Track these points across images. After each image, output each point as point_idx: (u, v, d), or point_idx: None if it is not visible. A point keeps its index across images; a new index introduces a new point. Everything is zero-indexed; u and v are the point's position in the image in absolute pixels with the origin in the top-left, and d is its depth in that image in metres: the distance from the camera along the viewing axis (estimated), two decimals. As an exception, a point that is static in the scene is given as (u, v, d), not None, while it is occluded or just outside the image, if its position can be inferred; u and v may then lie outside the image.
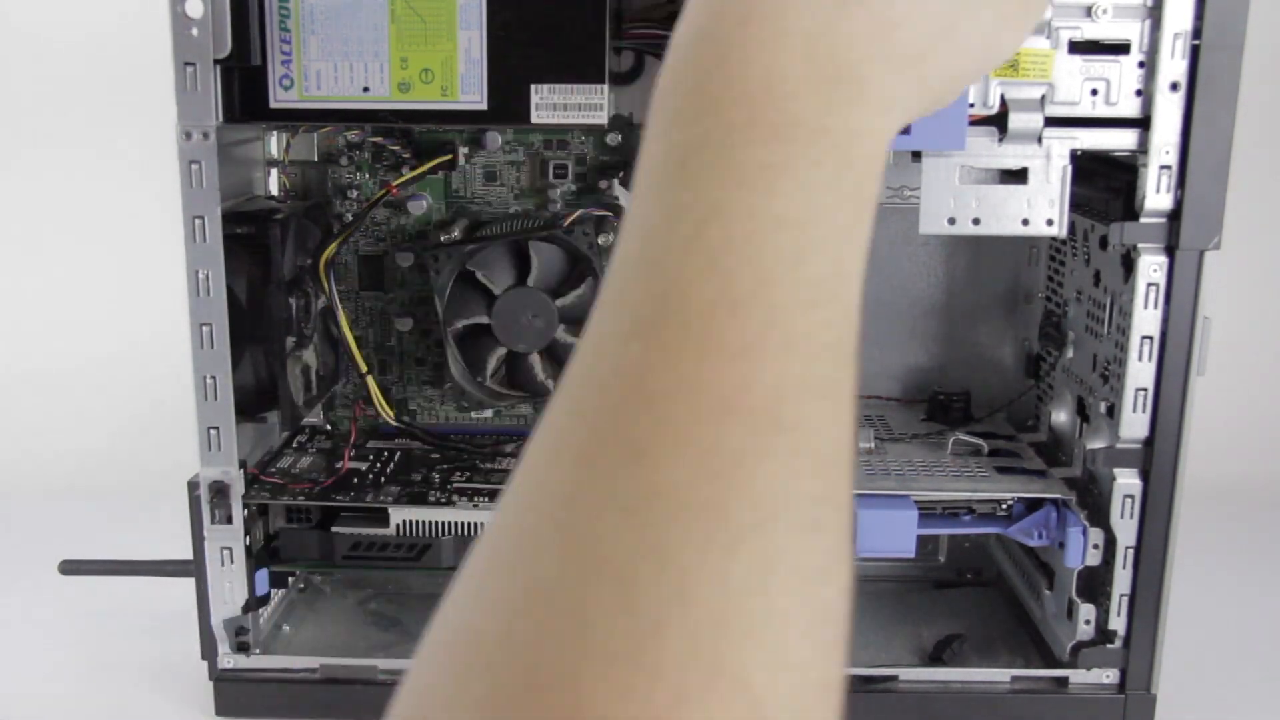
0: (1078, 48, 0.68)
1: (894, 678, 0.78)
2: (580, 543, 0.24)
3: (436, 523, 0.79)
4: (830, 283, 0.27)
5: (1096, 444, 0.75)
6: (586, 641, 0.23)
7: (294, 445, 0.88)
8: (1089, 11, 0.67)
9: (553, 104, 0.69)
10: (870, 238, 0.29)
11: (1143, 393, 0.72)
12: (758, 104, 0.28)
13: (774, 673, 0.24)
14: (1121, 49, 0.68)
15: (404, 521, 0.79)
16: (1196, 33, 0.67)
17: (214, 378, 0.72)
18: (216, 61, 0.68)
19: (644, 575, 0.24)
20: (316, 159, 0.89)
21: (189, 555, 0.76)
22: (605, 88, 0.69)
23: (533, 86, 0.69)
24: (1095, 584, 0.76)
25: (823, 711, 0.25)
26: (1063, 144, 0.69)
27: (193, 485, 0.75)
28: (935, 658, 0.83)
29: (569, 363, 0.28)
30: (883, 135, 0.30)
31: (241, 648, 0.78)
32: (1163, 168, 0.69)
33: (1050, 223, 0.69)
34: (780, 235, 0.27)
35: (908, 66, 0.31)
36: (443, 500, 0.79)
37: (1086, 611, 0.76)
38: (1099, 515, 0.75)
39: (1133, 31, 0.68)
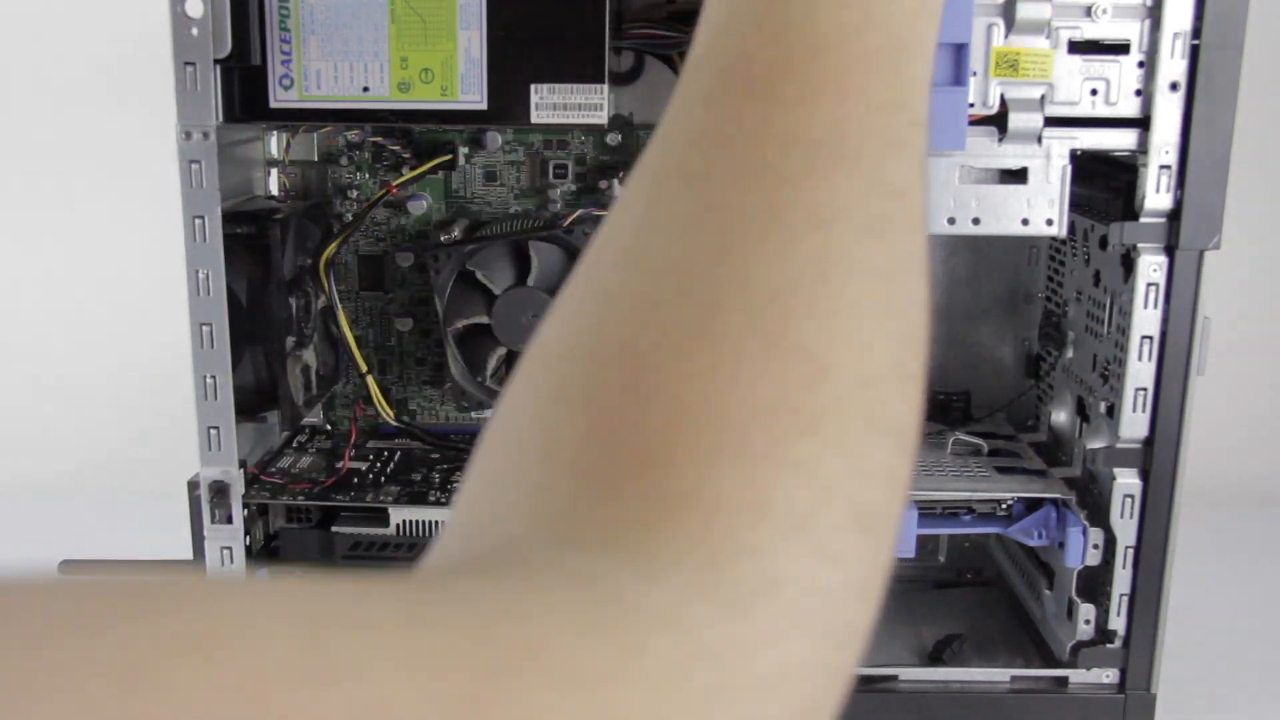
0: (1077, 48, 0.68)
1: (894, 678, 0.78)
2: (641, 255, 0.26)
3: (436, 523, 0.79)
4: (890, 53, 0.28)
5: (1096, 444, 0.75)
6: (648, 322, 0.25)
7: (294, 445, 0.88)
8: (1089, 11, 0.67)
9: (553, 104, 0.69)
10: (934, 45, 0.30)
11: (1143, 393, 0.72)
12: None
13: (839, 347, 0.25)
14: (1121, 49, 0.68)
15: (404, 521, 0.79)
16: (1196, 33, 0.67)
17: (214, 378, 0.72)
18: (216, 61, 0.68)
19: (701, 268, 0.25)
20: (316, 159, 0.89)
21: (189, 555, 0.76)
22: (605, 88, 0.69)
23: (533, 86, 0.69)
24: (1095, 584, 0.76)
25: (895, 391, 0.25)
26: (1063, 144, 0.69)
27: (193, 485, 0.75)
28: (935, 658, 0.83)
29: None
30: None
31: (241, 648, 0.78)
32: (1162, 168, 0.69)
33: (1050, 223, 0.69)
34: (841, 12, 0.28)
35: None
36: (443, 500, 0.79)
37: (1086, 611, 0.76)
38: (1099, 515, 0.75)
39: (1132, 31, 0.68)
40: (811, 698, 0.23)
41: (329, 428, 0.92)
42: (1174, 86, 0.67)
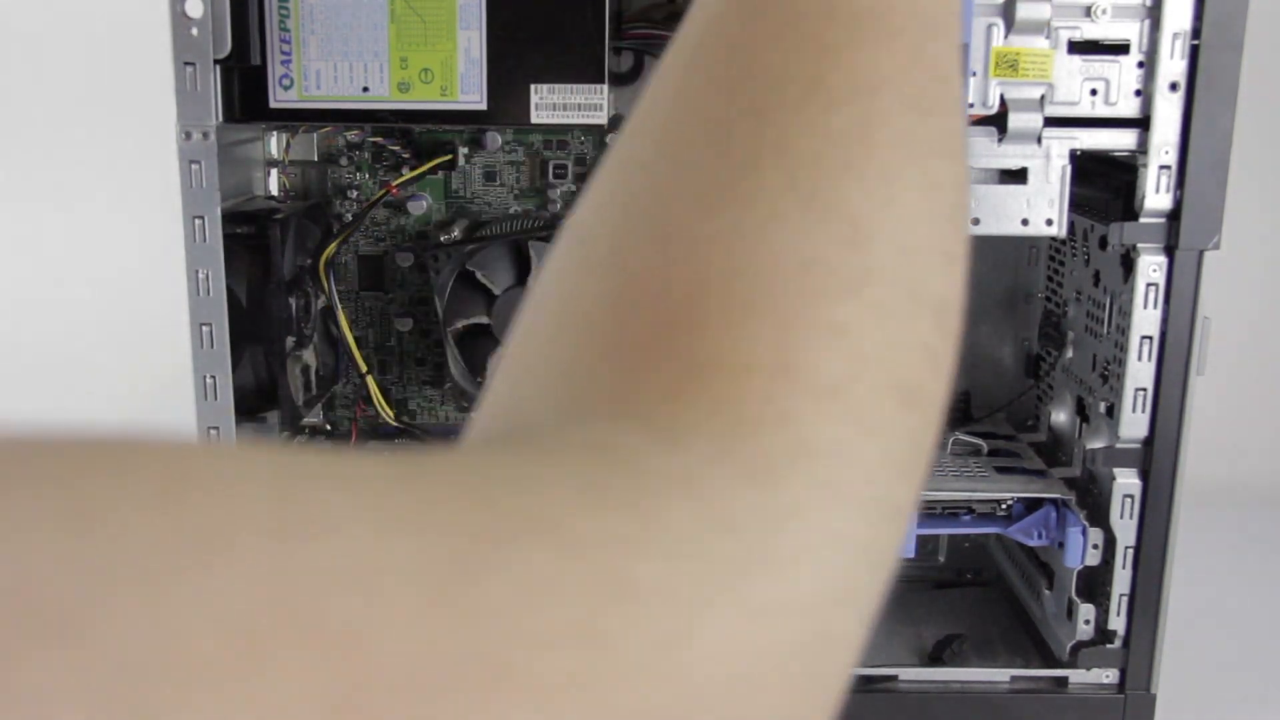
0: (1077, 48, 0.68)
1: (894, 678, 0.78)
2: (676, 122, 0.25)
3: (436, 523, 0.79)
4: None
5: (1096, 444, 0.75)
6: (680, 182, 0.23)
7: (294, 445, 0.88)
8: (1088, 11, 0.67)
9: (553, 104, 0.69)
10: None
11: (1142, 393, 0.72)
12: None
13: (880, 212, 0.23)
14: (1121, 49, 0.68)
15: (404, 521, 0.79)
16: (1196, 33, 0.67)
17: (214, 378, 0.72)
18: (216, 61, 0.68)
19: (738, 131, 0.24)
20: (316, 159, 0.89)
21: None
22: (605, 88, 0.69)
23: (533, 86, 0.69)
24: (1095, 584, 0.76)
25: (937, 268, 0.24)
26: (1062, 144, 0.69)
27: (193, 485, 0.75)
28: (935, 658, 0.83)
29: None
30: None
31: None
32: (1162, 168, 0.69)
33: (1050, 223, 0.70)
34: None
35: None
36: (443, 500, 0.79)
37: (1086, 611, 0.76)
38: (1099, 515, 0.75)
39: (1132, 31, 0.68)
40: (846, 577, 0.21)
41: (329, 428, 0.92)
42: (1174, 86, 0.67)
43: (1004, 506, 0.78)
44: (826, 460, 0.21)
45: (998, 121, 0.68)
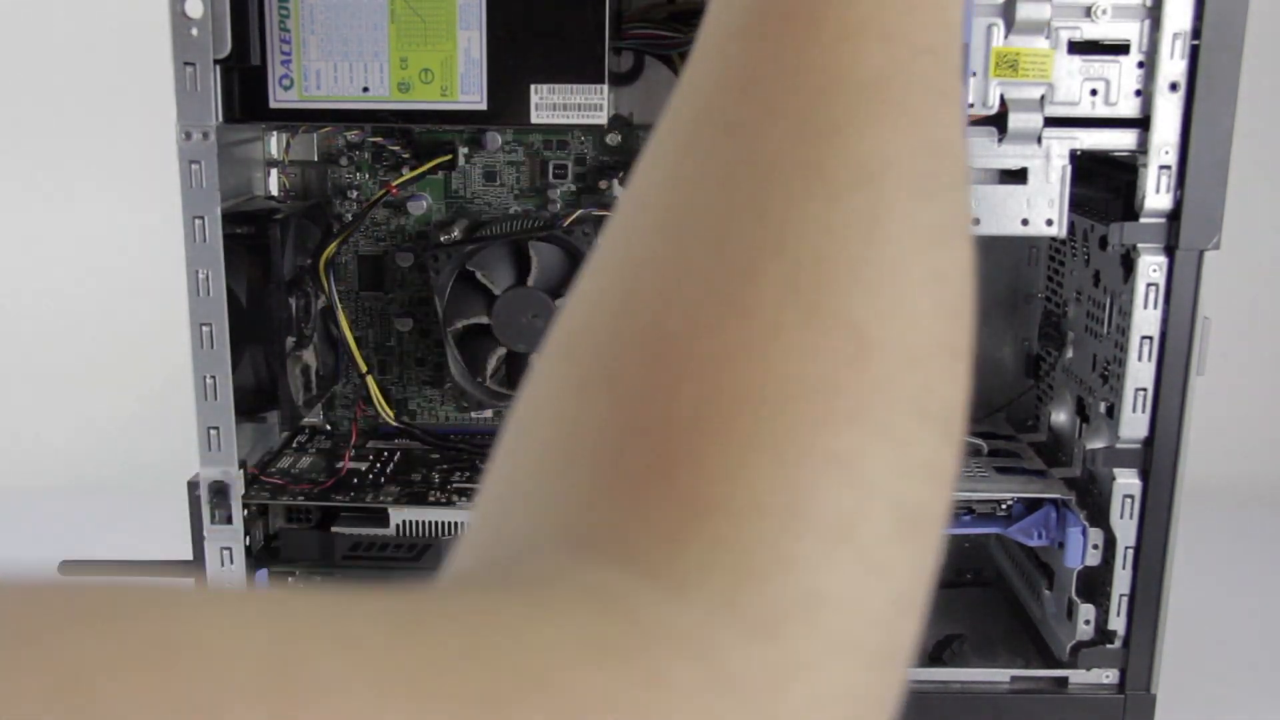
0: (1077, 48, 0.68)
1: (894, 678, 0.78)
2: (676, 211, 0.24)
3: (436, 523, 0.79)
4: None
5: (1096, 444, 0.75)
6: (678, 291, 0.23)
7: (294, 445, 0.88)
8: (1088, 12, 0.67)
9: (553, 104, 0.69)
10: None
11: (1142, 393, 0.72)
12: None
13: (881, 317, 0.22)
14: (1121, 49, 0.68)
15: (404, 522, 0.79)
16: (1196, 33, 0.67)
17: (214, 378, 0.72)
18: (216, 61, 0.68)
19: (739, 229, 0.23)
20: (316, 159, 0.89)
21: (189, 555, 0.76)
22: (605, 88, 0.69)
23: (533, 86, 0.69)
24: (1095, 584, 0.76)
25: (943, 370, 0.23)
26: (1062, 144, 0.69)
27: (193, 485, 0.75)
28: (935, 658, 0.83)
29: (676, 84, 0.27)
30: None
31: (241, 648, 0.78)
32: (1162, 168, 0.69)
33: (1050, 223, 0.69)
34: None
35: None
36: (443, 500, 0.79)
37: (1086, 611, 0.76)
38: (1099, 515, 0.75)
39: (1132, 31, 0.68)
40: None
41: (329, 428, 0.92)
42: (1174, 86, 0.67)
43: (1004, 506, 0.78)
44: (833, 609, 0.21)
45: (998, 121, 0.68)
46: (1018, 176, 0.69)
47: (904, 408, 0.22)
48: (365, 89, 0.69)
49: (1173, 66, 0.67)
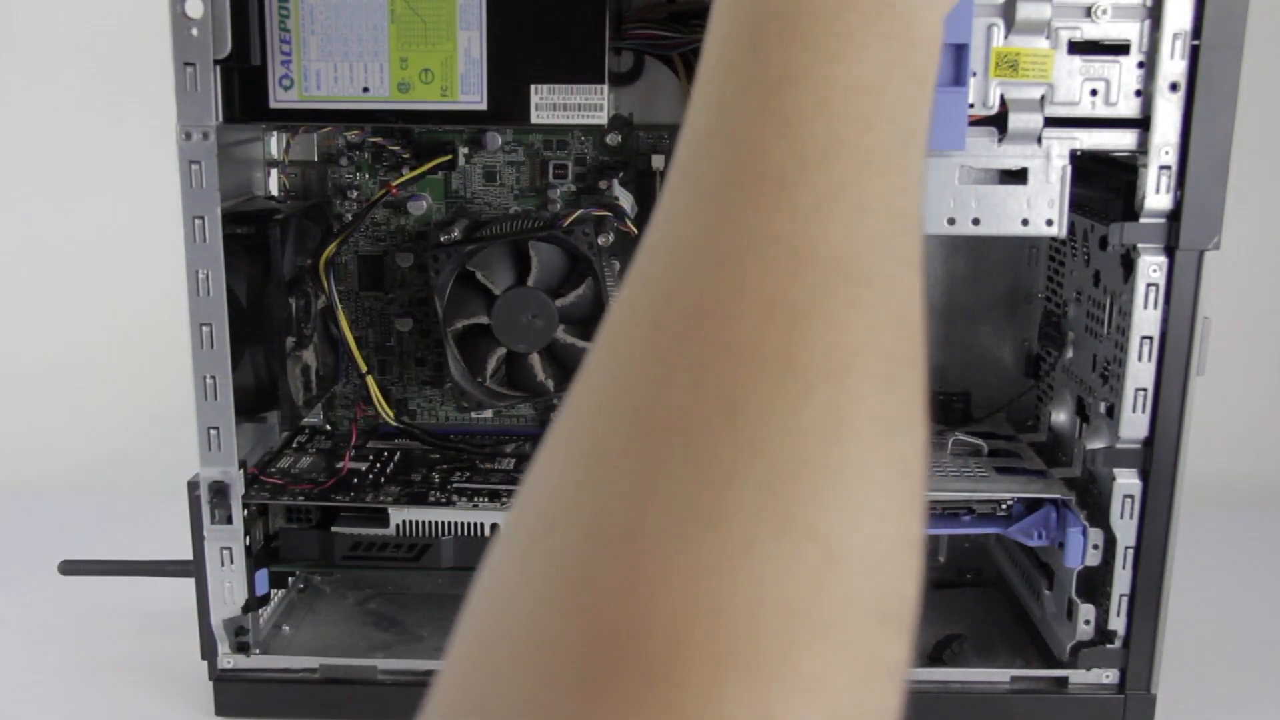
0: (1077, 48, 0.68)
1: (894, 678, 0.78)
2: (648, 401, 0.24)
3: (436, 523, 0.79)
4: (899, 149, 0.27)
5: (1096, 444, 0.75)
6: (653, 496, 0.23)
7: (294, 445, 0.88)
8: (1089, 12, 0.67)
9: (553, 104, 0.69)
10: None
11: (1142, 393, 0.72)
12: None
13: (849, 524, 0.23)
14: (1121, 49, 0.68)
15: (404, 521, 0.79)
16: (1196, 33, 0.67)
17: (214, 378, 0.72)
18: (216, 61, 0.68)
19: (712, 428, 0.23)
20: (316, 159, 0.89)
21: (189, 555, 0.76)
22: (605, 88, 0.69)
23: (533, 86, 0.69)
24: (1095, 584, 0.76)
25: (902, 567, 0.24)
26: (1062, 144, 0.69)
27: (193, 485, 0.75)
28: (935, 658, 0.83)
29: (644, 236, 0.27)
30: (938, 18, 0.30)
31: (241, 648, 0.78)
32: (1162, 168, 0.69)
33: (1050, 223, 0.69)
34: (851, 101, 0.27)
35: None
36: (443, 500, 0.79)
37: (1086, 611, 0.76)
38: (1099, 515, 0.75)
39: (1132, 32, 0.68)
40: None
41: (329, 428, 0.92)
42: (1174, 87, 0.67)
43: (1004, 507, 0.78)
44: None
45: (998, 122, 0.68)
46: (1018, 176, 0.69)
47: (868, 613, 0.23)
48: (365, 89, 0.69)
49: (1173, 66, 0.67)
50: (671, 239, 0.26)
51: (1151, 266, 0.70)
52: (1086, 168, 0.73)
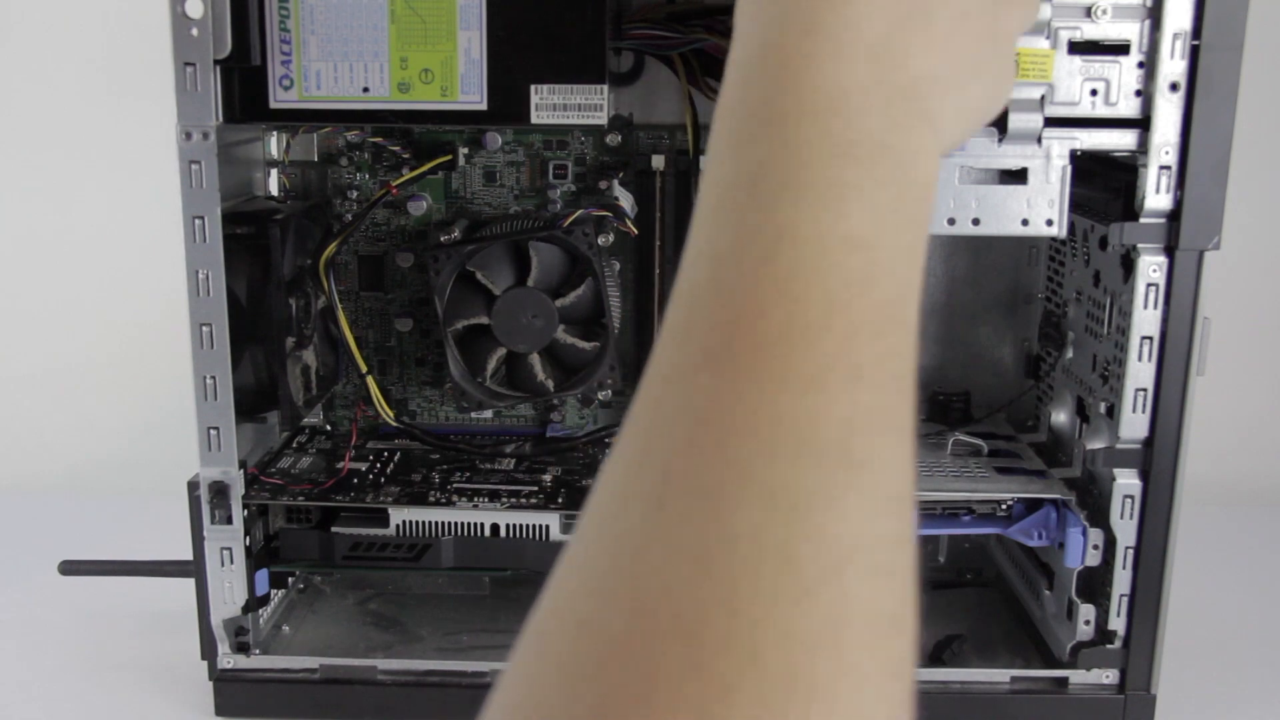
0: (1077, 48, 0.68)
1: (894, 678, 0.78)
2: (650, 595, 0.24)
3: (436, 523, 0.79)
4: (896, 307, 0.27)
5: (1096, 444, 0.75)
6: (653, 705, 0.22)
7: (294, 445, 0.88)
8: (1089, 12, 0.67)
9: (553, 104, 0.69)
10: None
11: (1142, 393, 0.72)
12: (827, 119, 0.28)
13: None
14: (1121, 49, 0.68)
15: (404, 522, 0.79)
16: (1196, 33, 0.67)
17: (214, 378, 0.72)
18: (216, 62, 0.68)
19: (714, 632, 0.23)
20: (316, 159, 0.89)
21: (189, 555, 0.76)
22: (605, 88, 0.69)
23: (533, 86, 0.69)
24: (1095, 584, 0.76)
25: None
26: (1062, 144, 0.69)
27: (193, 485, 0.75)
28: (935, 658, 0.83)
29: (638, 392, 0.27)
30: (936, 157, 0.30)
31: (241, 648, 0.78)
32: (1162, 168, 0.69)
33: (1050, 223, 0.69)
34: (850, 258, 0.27)
35: (954, 90, 0.32)
36: (443, 500, 0.79)
37: (1086, 612, 0.76)
38: (1099, 515, 0.75)
39: (1132, 32, 0.68)
40: None
41: (329, 428, 0.92)
42: (1174, 87, 0.67)
43: (1004, 507, 0.78)
44: None
45: (997, 122, 0.68)
46: (1018, 176, 0.69)
47: None
48: (365, 89, 0.69)
49: (1173, 66, 0.67)
50: (671, 409, 0.26)
51: (1151, 266, 0.70)
52: (1086, 168, 0.73)
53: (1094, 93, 0.68)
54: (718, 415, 0.25)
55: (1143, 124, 0.69)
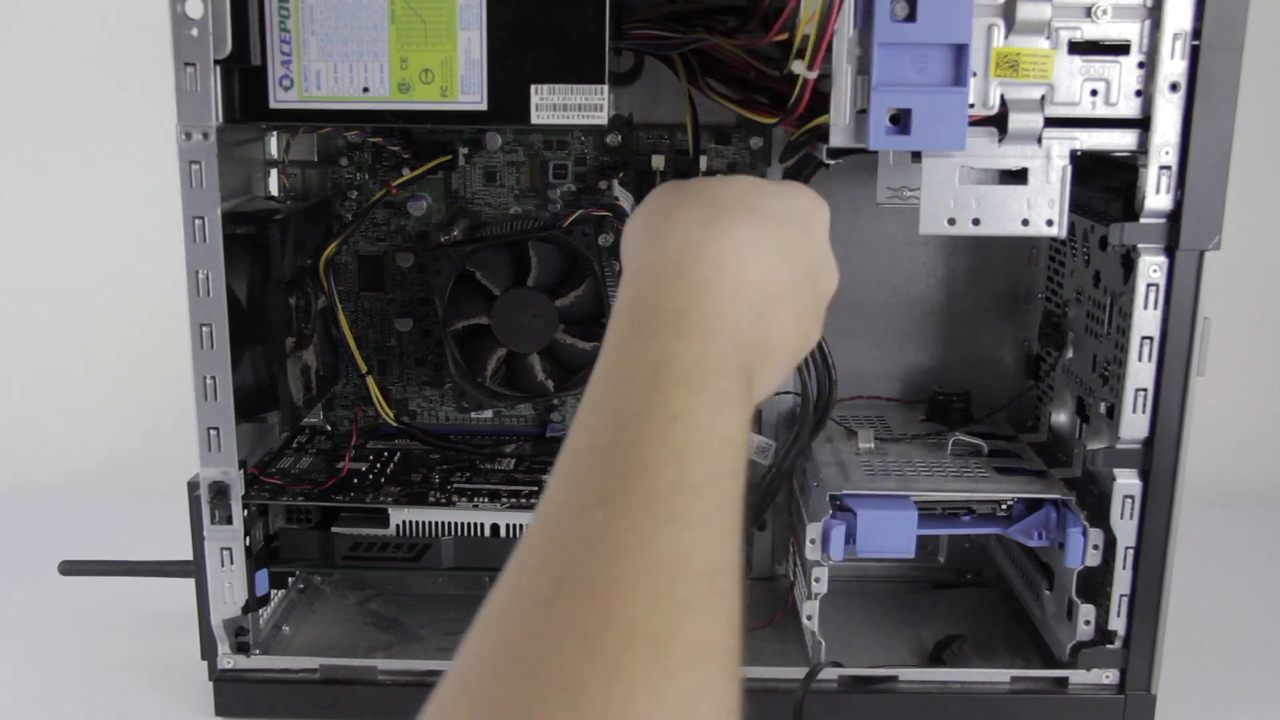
0: (1078, 48, 0.68)
1: (894, 678, 0.78)
2: (540, 665, 0.28)
3: (436, 523, 0.79)
4: (739, 493, 0.36)
5: (1096, 444, 0.75)
6: None
7: (294, 445, 0.88)
8: (1089, 12, 0.67)
9: (553, 104, 0.69)
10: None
11: (1143, 393, 0.72)
12: (720, 346, 0.39)
13: None
14: (1121, 49, 0.68)
15: (404, 522, 0.79)
16: (1196, 33, 0.67)
17: (214, 378, 0.72)
18: (217, 62, 0.68)
19: (594, 691, 0.28)
20: (316, 159, 0.89)
21: (189, 555, 0.76)
22: (605, 88, 0.69)
23: (533, 87, 0.69)
24: (1095, 584, 0.76)
25: None
26: (1063, 144, 0.69)
27: (193, 485, 0.75)
28: (935, 658, 0.83)
29: (529, 526, 0.34)
30: (771, 390, 0.45)
31: (241, 648, 0.78)
32: (1162, 168, 0.69)
33: (1050, 223, 0.69)
34: (726, 451, 0.36)
35: (787, 361, 0.46)
36: (443, 500, 0.79)
37: (1086, 612, 0.76)
38: (1099, 515, 0.75)
39: (1132, 32, 0.68)
40: None
41: (329, 428, 0.92)
42: (1174, 87, 0.67)
43: (1004, 507, 0.78)
44: None
45: (998, 122, 0.68)
46: (1018, 177, 0.69)
47: None
48: (365, 89, 0.69)
49: (1173, 66, 0.67)
50: (566, 535, 0.32)
51: (1151, 267, 0.70)
52: (1086, 168, 0.73)
53: (1094, 93, 0.68)
54: (609, 538, 0.31)
55: (1143, 124, 0.69)
